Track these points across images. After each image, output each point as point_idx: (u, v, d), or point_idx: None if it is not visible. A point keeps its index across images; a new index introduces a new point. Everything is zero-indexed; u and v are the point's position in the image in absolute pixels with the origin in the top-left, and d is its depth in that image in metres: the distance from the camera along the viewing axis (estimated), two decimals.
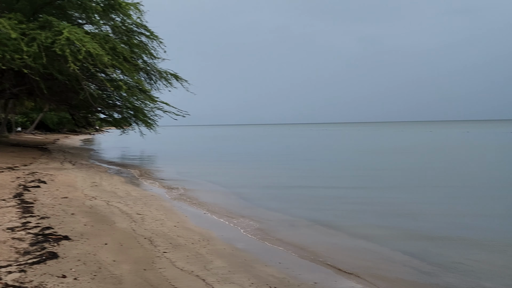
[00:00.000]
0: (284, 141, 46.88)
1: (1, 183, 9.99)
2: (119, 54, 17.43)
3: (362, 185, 13.40)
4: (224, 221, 8.10)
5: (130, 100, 22.78)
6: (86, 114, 29.43)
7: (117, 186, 11.75)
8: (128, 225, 6.90)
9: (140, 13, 19.27)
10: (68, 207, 7.85)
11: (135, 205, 8.82)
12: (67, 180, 11.78)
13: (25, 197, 8.51)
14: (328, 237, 7.14)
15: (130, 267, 4.75)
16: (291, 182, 14.28)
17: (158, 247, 5.71)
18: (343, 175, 16.06)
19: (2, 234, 5.52)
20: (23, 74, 17.93)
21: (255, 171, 17.80)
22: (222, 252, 5.82)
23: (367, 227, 7.80)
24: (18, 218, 6.59)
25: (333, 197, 11.20)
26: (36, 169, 13.72)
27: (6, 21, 14.84)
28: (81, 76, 17.52)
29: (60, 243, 5.37)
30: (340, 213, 9.04)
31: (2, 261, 4.45)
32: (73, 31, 15.49)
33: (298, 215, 8.72)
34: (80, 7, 18.92)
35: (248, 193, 11.53)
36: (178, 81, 24.39)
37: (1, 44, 14.58)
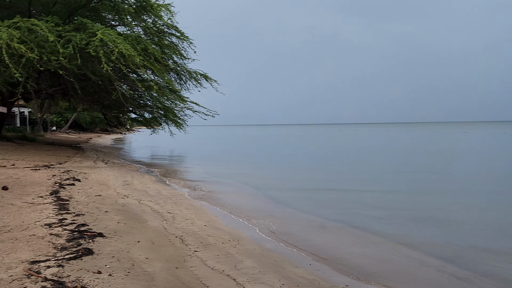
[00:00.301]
0: (316, 142, 46.57)
1: (39, 181, 10.34)
2: (150, 54, 17.74)
3: (398, 188, 13.06)
4: (253, 221, 8.12)
5: (160, 100, 23.17)
6: (118, 114, 30.13)
7: (148, 185, 11.96)
8: (160, 223, 7.01)
9: (171, 14, 19.58)
10: (102, 205, 8.05)
11: (165, 204, 8.95)
12: (100, 179, 12.08)
13: (61, 194, 8.78)
14: (360, 240, 7.04)
15: (162, 265, 4.82)
16: (322, 184, 14.10)
17: (189, 246, 5.77)
18: (378, 178, 15.68)
19: (41, 230, 5.72)
20: (58, 75, 18.52)
21: (285, 172, 17.75)
22: (252, 252, 5.83)
23: (401, 231, 7.64)
24: (55, 214, 6.80)
25: (366, 200, 11.00)
26: (70, 167, 14.14)
27: (44, 24, 15.34)
28: (114, 76, 17.93)
29: (95, 239, 5.51)
30: (372, 217, 8.87)
31: (42, 256, 4.61)
32: (107, 32, 15.86)
33: (328, 217, 8.62)
34: (113, 9, 19.37)
35: (278, 194, 11.49)
36: (208, 81, 24.66)
37: (38, 46, 15.08)
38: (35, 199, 7.98)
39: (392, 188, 13.15)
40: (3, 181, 9.63)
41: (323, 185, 13.60)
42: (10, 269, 4.11)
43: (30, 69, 16.25)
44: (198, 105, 23.32)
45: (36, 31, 15.39)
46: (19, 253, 4.65)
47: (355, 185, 13.59)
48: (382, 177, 15.85)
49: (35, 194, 8.49)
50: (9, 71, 14.97)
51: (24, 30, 15.07)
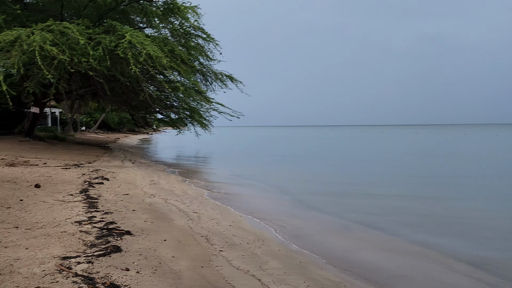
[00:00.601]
0: (340, 144, 46.18)
1: (69, 179, 10.64)
2: (177, 56, 18.00)
3: (427, 192, 12.79)
4: (278, 222, 8.11)
5: (186, 101, 23.47)
6: (145, 114, 30.70)
7: (174, 184, 12.12)
8: (186, 223, 7.10)
9: (198, 16, 19.82)
10: (129, 204, 8.21)
11: (191, 204, 9.06)
12: (128, 178, 12.32)
13: (90, 192, 9.00)
14: (385, 244, 6.93)
15: (188, 264, 4.88)
16: (348, 186, 13.90)
17: (214, 246, 5.82)
18: (404, 181, 15.40)
19: (71, 227, 5.88)
20: (88, 76, 19.01)
21: (310, 173, 17.65)
22: (277, 253, 5.83)
23: (428, 236, 7.48)
24: (85, 212, 6.98)
25: (392, 203, 10.82)
26: (99, 167, 14.47)
27: (75, 27, 15.79)
28: (141, 77, 18.30)
29: (123, 237, 5.62)
30: (398, 221, 8.72)
31: (72, 252, 4.74)
32: (135, 34, 16.19)
33: (353, 220, 8.52)
34: (142, 12, 19.76)
35: (302, 196, 11.45)
36: (233, 83, 24.81)
37: (70, 48, 15.53)
38: (66, 197, 8.21)
39: (420, 192, 12.89)
40: (36, 179, 9.95)
41: (348, 188, 13.44)
42: (43, 264, 4.24)
43: (61, 71, 16.75)
44: (224, 106, 23.51)
45: (67, 34, 15.85)
46: (51, 248, 4.80)
47: (382, 188, 13.38)
48: (410, 180, 15.55)
49: (65, 192, 8.74)
50: (42, 72, 15.47)
51: (56, 33, 15.55)
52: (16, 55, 14.70)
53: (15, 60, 14.61)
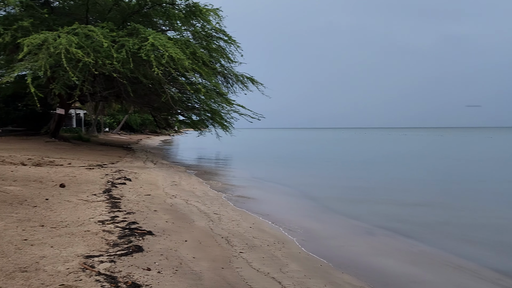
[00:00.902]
0: (362, 146, 45.69)
1: (93, 179, 10.83)
2: (199, 58, 18.16)
3: (452, 198, 12.48)
4: (298, 225, 8.07)
5: (208, 102, 23.63)
6: (167, 116, 31.05)
7: (194, 186, 12.20)
8: (206, 224, 7.13)
9: (219, 18, 19.95)
10: (151, 204, 8.30)
11: (212, 205, 9.10)
12: (150, 178, 12.46)
13: (113, 193, 9.14)
14: (410, 249, 6.80)
15: (208, 265, 4.90)
16: (371, 190, 13.72)
17: (234, 247, 5.83)
18: (430, 185, 15.08)
19: (94, 226, 5.98)
20: (112, 78, 19.36)
21: (332, 176, 17.51)
22: (297, 256, 5.80)
23: (451, 241, 7.32)
24: (108, 212, 7.09)
25: (418, 208, 10.62)
26: (122, 167, 14.69)
27: (100, 30, 16.10)
28: (164, 79, 18.52)
29: (145, 237, 5.68)
30: (424, 226, 8.52)
31: (95, 251, 4.82)
32: (158, 37, 16.40)
33: (377, 224, 8.40)
34: (164, 15, 20.01)
35: (324, 199, 11.34)
36: (254, 84, 24.87)
37: (94, 51, 15.84)
38: (90, 197, 8.36)
39: (446, 197, 12.60)
40: (60, 179, 10.17)
41: (371, 192, 13.26)
42: (67, 262, 4.33)
43: (86, 73, 17.10)
44: (244, 108, 23.57)
45: (92, 37, 16.18)
46: (75, 247, 4.89)
47: (406, 193, 13.17)
48: (436, 184, 15.24)
49: (89, 192, 8.90)
50: (67, 75, 15.82)
51: (81, 36, 15.88)
52: (43, 57, 15.07)
53: (42, 63, 14.98)
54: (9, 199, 7.12)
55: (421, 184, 15.08)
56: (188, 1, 19.09)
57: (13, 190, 8.02)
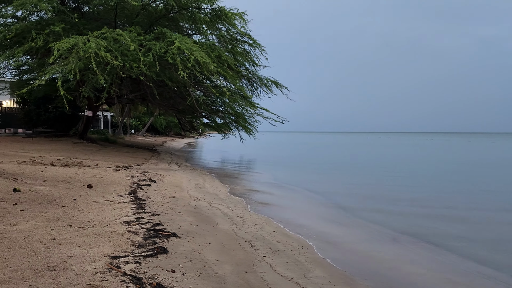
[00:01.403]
0: (390, 151, 44.97)
1: (119, 181, 11.02)
2: (224, 61, 18.28)
3: (483, 205, 12.11)
4: (322, 230, 7.99)
5: (232, 106, 23.74)
6: (191, 119, 31.35)
7: (218, 188, 12.26)
8: (230, 227, 7.14)
9: (244, 22, 20.03)
10: (175, 206, 8.38)
11: (235, 208, 9.11)
12: (174, 181, 12.59)
13: (138, 194, 9.27)
14: (436, 257, 6.63)
15: (232, 268, 4.90)
16: (397, 195, 13.37)
17: (258, 251, 5.81)
18: (459, 192, 14.66)
19: (120, 227, 6.07)
20: (138, 81, 19.69)
21: (356, 180, 17.25)
22: (322, 262, 5.74)
23: (483, 251, 7.09)
24: (133, 213, 7.19)
25: (445, 214, 10.36)
26: (147, 169, 14.90)
27: (127, 34, 16.42)
28: (189, 82, 18.72)
29: (169, 239, 5.73)
30: (451, 234, 8.30)
31: (121, 252, 4.88)
32: (184, 41, 16.61)
33: (401, 230, 8.22)
34: (190, 19, 20.26)
35: (348, 204, 11.17)
36: (278, 88, 24.83)
37: (122, 54, 16.17)
38: (116, 198, 8.50)
39: (476, 204, 12.23)
40: (88, 180, 10.39)
41: (397, 197, 12.99)
42: (94, 262, 4.40)
43: (114, 76, 17.45)
44: (268, 111, 23.56)
45: (120, 41, 16.51)
46: (101, 247, 4.97)
47: (433, 199, 12.86)
48: (465, 191, 14.80)
49: (115, 193, 9.05)
50: (96, 77, 16.19)
51: (110, 40, 16.23)
52: (73, 61, 15.47)
53: (72, 66, 15.37)
54: (39, 199, 7.31)
55: (457, 193, 14.70)
56: (214, 5, 19.26)
57: (42, 190, 8.23)
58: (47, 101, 25.74)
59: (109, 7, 19.97)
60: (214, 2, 19.07)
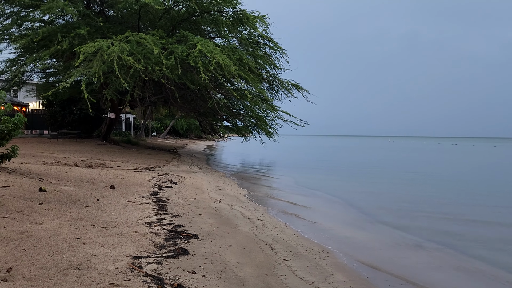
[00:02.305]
0: (412, 155, 44.27)
1: (141, 182, 11.15)
2: (245, 64, 18.33)
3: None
4: (344, 234, 7.90)
5: (252, 109, 23.77)
6: (212, 121, 31.56)
7: (238, 191, 12.27)
8: (250, 229, 7.13)
9: (266, 25, 20.05)
10: (196, 208, 8.42)
11: (255, 211, 9.10)
12: (195, 183, 12.67)
13: (160, 195, 9.36)
14: (461, 264, 6.46)
15: (252, 271, 4.88)
16: (421, 200, 13.15)
17: (278, 254, 5.78)
18: (485, 200, 14.39)
19: (142, 227, 6.14)
20: (160, 84, 19.94)
21: (379, 185, 17.00)
22: (343, 266, 5.67)
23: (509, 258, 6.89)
24: (155, 214, 7.26)
25: (471, 220, 10.12)
26: (168, 171, 15.04)
27: (150, 38, 16.64)
28: (210, 85, 18.84)
29: (190, 240, 5.76)
30: (478, 241, 8.09)
31: (143, 252, 4.93)
32: (205, 44, 16.72)
33: (426, 237, 8.04)
34: (212, 22, 20.40)
35: (370, 209, 11.00)
36: (299, 91, 24.76)
37: (145, 57, 16.39)
38: (138, 199, 8.60)
39: (502, 212, 11.92)
40: (111, 181, 10.55)
41: (421, 202, 12.73)
42: (117, 262, 4.45)
43: (136, 79, 17.72)
44: (289, 115, 23.51)
45: (143, 44, 16.75)
46: (124, 247, 5.02)
47: (457, 206, 12.57)
48: (495, 195, 14.46)
49: (137, 194, 9.16)
50: (119, 80, 16.45)
51: (133, 43, 16.48)
52: (97, 64, 15.76)
53: (96, 69, 15.67)
54: (63, 199, 7.45)
55: (475, 198, 14.35)
56: (235, 9, 19.36)
57: (67, 190, 8.39)
58: (72, 103, 26.31)
59: (133, 11, 20.29)
60: (236, 5, 19.16)
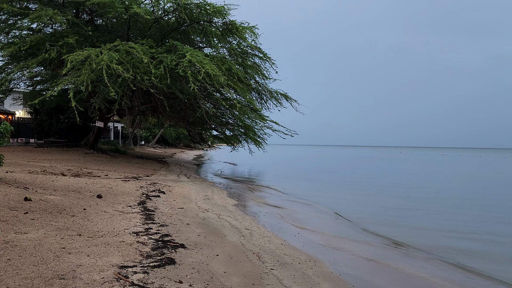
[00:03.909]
0: (400, 166, 44.65)
1: (128, 191, 11.09)
2: (234, 74, 18.42)
3: (492, 219, 12.01)
4: (331, 243, 7.95)
5: (241, 118, 23.84)
6: (201, 131, 31.52)
7: (227, 200, 12.27)
8: (238, 239, 7.14)
9: (255, 36, 20.21)
10: (184, 217, 8.40)
11: (243, 220, 9.11)
12: (183, 192, 12.63)
13: (147, 205, 9.32)
14: (447, 274, 6.55)
15: (239, 280, 4.89)
16: (407, 210, 13.37)
17: (265, 263, 5.80)
18: (463, 206, 14.61)
19: (129, 237, 6.11)
20: (149, 93, 19.94)
21: (368, 195, 17.12)
22: (329, 276, 5.70)
23: (490, 264, 6.99)
24: (142, 224, 7.23)
25: (458, 228, 10.25)
26: (156, 180, 14.97)
27: (140, 47, 16.66)
28: (199, 95, 18.88)
29: (177, 250, 5.75)
30: (465, 250, 8.18)
31: (129, 262, 4.91)
32: (195, 54, 16.79)
33: (413, 245, 8.14)
34: (202, 32, 20.50)
35: (358, 218, 11.06)
36: (288, 101, 24.92)
37: (134, 67, 16.38)
38: (125, 208, 8.56)
39: (488, 220, 12.09)
40: (98, 190, 10.47)
41: (409, 212, 12.88)
42: (102, 272, 4.43)
43: (125, 88, 17.68)
44: (278, 124, 23.60)
45: (132, 53, 16.75)
46: (110, 257, 5.00)
47: (444, 213, 12.71)
48: (471, 205, 14.65)
49: (125, 203, 9.11)
50: (107, 89, 16.40)
51: (122, 52, 16.48)
52: (85, 73, 15.71)
53: (84, 78, 15.61)
54: (49, 208, 7.39)
55: (459, 204, 14.53)
56: (225, 19, 19.49)
57: (53, 199, 8.32)
58: (59, 112, 26.10)
59: (123, 20, 20.31)
60: (225, 16, 19.30)
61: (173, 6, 19.32)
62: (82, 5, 20.01)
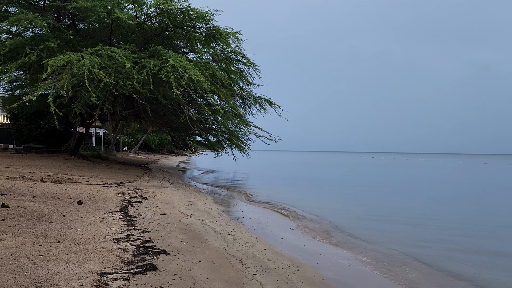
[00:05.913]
0: (384, 171, 45.14)
1: (110, 197, 10.92)
2: (218, 80, 18.38)
3: (480, 223, 12.16)
4: (314, 248, 7.95)
5: (225, 124, 23.79)
6: (185, 136, 31.36)
7: (210, 206, 12.18)
8: (221, 244, 7.08)
9: (239, 41, 20.20)
10: (166, 223, 8.30)
11: (227, 226, 9.05)
12: (166, 198, 12.50)
13: (129, 211, 9.19)
14: (428, 280, 6.60)
15: (222, 286, 4.84)
16: (393, 215, 13.44)
17: (248, 269, 5.76)
18: (455, 211, 14.84)
19: (110, 243, 6.00)
20: (132, 99, 19.74)
21: (348, 198, 17.27)
22: (312, 280, 5.69)
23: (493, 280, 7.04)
24: (123, 230, 7.11)
25: (442, 235, 10.38)
26: (139, 186, 14.79)
27: (122, 52, 16.49)
28: (183, 100, 18.79)
29: (159, 256, 5.67)
30: (454, 257, 8.25)
31: (110, 268, 4.81)
32: (178, 59, 16.70)
33: (399, 251, 8.18)
34: (185, 37, 20.43)
35: (343, 224, 11.08)
36: (272, 107, 24.99)
37: (116, 71, 16.20)
38: (106, 214, 8.41)
39: (477, 224, 12.27)
40: (78, 196, 10.28)
41: (395, 218, 12.95)
42: (81, 279, 4.33)
43: (107, 93, 17.46)
44: (262, 130, 23.63)
45: (114, 58, 16.57)
46: (90, 264, 4.89)
47: (431, 219, 12.86)
48: (463, 211, 14.89)
49: (106, 210, 8.96)
50: (89, 94, 16.16)
51: (104, 57, 16.28)
52: (66, 77, 15.46)
53: (65, 83, 15.35)
54: (27, 215, 7.21)
55: (447, 210, 14.73)
56: (209, 24, 19.46)
57: (31, 206, 8.13)
58: (39, 117, 25.63)
59: (105, 25, 20.09)
60: (209, 21, 19.27)
61: (156, 11, 19.21)
62: (63, 9, 19.76)
